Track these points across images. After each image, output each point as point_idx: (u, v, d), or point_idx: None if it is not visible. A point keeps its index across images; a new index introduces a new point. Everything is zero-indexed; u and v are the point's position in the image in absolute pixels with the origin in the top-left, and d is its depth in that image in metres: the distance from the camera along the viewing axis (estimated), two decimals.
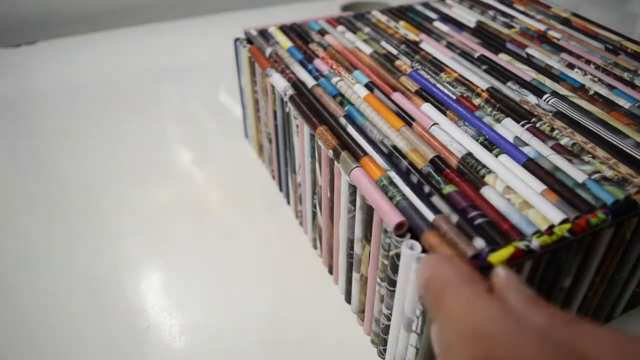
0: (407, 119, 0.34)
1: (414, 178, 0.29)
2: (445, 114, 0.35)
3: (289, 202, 0.46)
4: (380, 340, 0.33)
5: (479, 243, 0.25)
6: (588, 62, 0.41)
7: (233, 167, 0.52)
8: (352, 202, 0.31)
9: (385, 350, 0.33)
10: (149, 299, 0.39)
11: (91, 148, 0.55)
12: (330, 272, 0.40)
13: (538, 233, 0.26)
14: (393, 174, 0.29)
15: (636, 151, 0.31)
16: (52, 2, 0.78)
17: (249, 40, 0.47)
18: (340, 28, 0.48)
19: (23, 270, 0.41)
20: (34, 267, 0.42)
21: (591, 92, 0.37)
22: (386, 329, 0.31)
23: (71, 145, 0.56)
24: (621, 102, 0.36)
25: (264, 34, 0.47)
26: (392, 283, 0.29)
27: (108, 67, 0.71)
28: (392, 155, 0.31)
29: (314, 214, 0.40)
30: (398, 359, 0.30)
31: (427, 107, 0.35)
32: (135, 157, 0.54)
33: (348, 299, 0.37)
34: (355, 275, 0.34)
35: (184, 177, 0.51)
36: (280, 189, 0.48)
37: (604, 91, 0.37)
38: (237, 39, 0.48)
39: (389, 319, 0.31)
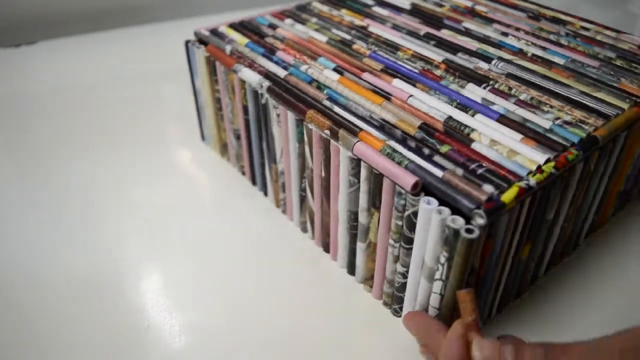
0: (384, 95, 0.37)
1: (412, 143, 0.32)
2: (415, 86, 0.38)
3: (266, 194, 0.47)
4: (395, 299, 0.36)
5: (488, 188, 0.28)
6: (517, 29, 0.47)
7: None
8: (355, 174, 0.33)
9: (401, 308, 0.35)
10: (149, 299, 0.39)
11: (91, 148, 0.55)
12: (326, 250, 0.42)
13: (531, 173, 0.29)
14: (393, 143, 0.32)
15: (582, 98, 0.36)
16: (52, 2, 0.77)
17: (201, 41, 0.47)
18: (289, 21, 0.49)
19: (23, 270, 0.41)
20: (34, 267, 0.41)
21: (529, 55, 0.42)
22: (402, 287, 0.34)
23: (70, 145, 0.55)
24: (556, 59, 0.41)
25: (216, 33, 0.47)
26: (409, 241, 0.31)
27: (108, 67, 0.70)
28: (385, 127, 0.34)
29: (303, 198, 0.41)
30: (420, 309, 0.33)
31: (398, 82, 0.38)
32: (135, 157, 0.53)
33: (351, 271, 0.39)
34: (360, 245, 0.37)
35: (184, 177, 0.51)
36: (254, 183, 0.49)
37: (539, 52, 0.42)
38: (188, 41, 0.48)
39: (405, 277, 0.33)
